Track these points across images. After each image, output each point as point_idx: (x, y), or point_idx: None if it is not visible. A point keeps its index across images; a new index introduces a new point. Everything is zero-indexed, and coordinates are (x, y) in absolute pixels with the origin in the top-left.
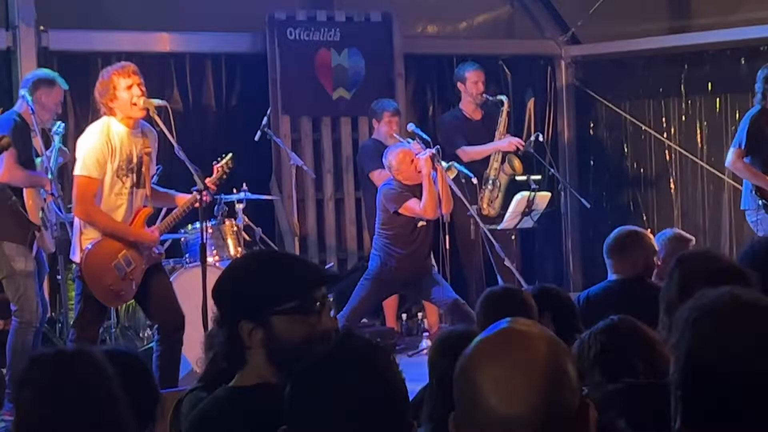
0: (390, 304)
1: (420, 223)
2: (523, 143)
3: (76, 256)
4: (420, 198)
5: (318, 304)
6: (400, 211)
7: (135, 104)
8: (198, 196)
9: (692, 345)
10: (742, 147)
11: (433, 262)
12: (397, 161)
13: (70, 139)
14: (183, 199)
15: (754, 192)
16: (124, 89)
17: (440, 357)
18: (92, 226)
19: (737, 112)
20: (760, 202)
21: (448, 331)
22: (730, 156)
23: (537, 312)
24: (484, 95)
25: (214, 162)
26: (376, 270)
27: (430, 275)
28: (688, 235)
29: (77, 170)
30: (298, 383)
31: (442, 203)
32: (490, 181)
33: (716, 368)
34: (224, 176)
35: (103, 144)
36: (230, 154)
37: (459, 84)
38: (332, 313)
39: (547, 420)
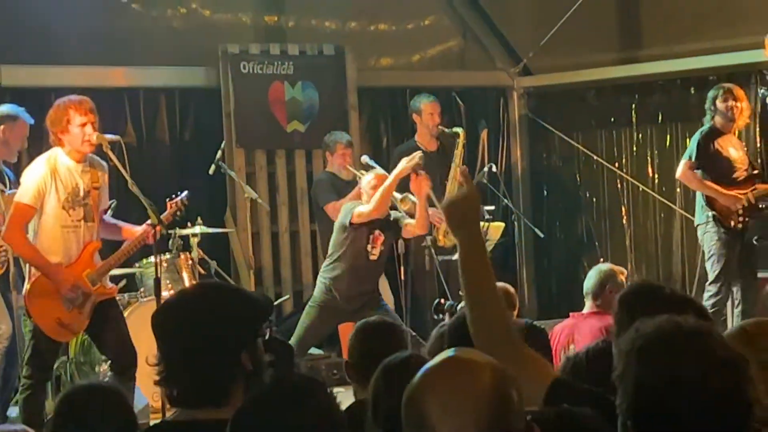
0: (347, 336)
1: (371, 255)
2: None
3: (23, 290)
4: (370, 234)
5: None
6: (353, 217)
7: (87, 141)
8: (148, 231)
9: (640, 373)
10: (693, 159)
11: (386, 295)
12: (366, 183)
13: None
14: (130, 231)
15: (704, 204)
16: (78, 126)
17: (380, 384)
18: (15, 252)
19: (687, 141)
20: (709, 213)
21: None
22: (681, 167)
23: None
24: (440, 127)
25: (168, 199)
26: (320, 297)
27: (379, 307)
28: (621, 268)
29: (17, 196)
30: (238, 422)
31: (420, 225)
32: None
33: (665, 395)
34: (178, 213)
35: (47, 174)
36: (186, 192)
37: (414, 116)
38: None
39: None
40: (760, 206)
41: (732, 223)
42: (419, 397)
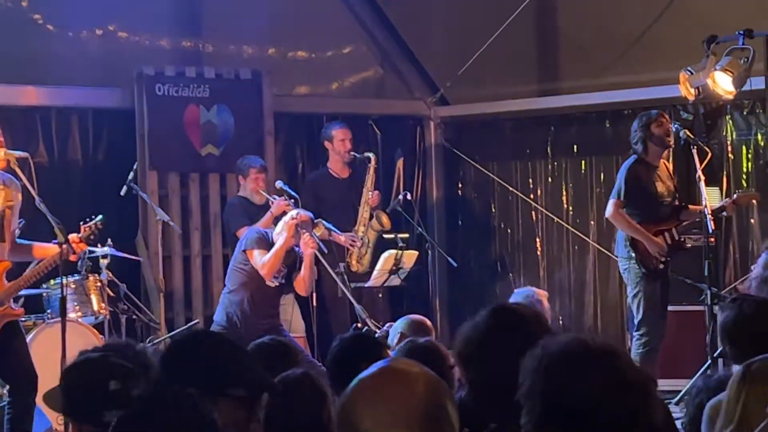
0: None
1: (270, 283)
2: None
3: None
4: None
5: None
6: (247, 251)
7: None
8: (63, 251)
9: (546, 391)
10: (621, 198)
11: (296, 322)
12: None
13: None
14: (41, 249)
15: (627, 243)
16: None
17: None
18: None
19: (602, 174)
20: (632, 254)
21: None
22: (610, 207)
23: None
24: (352, 153)
25: (82, 222)
26: (221, 323)
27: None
28: (543, 291)
29: None
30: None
31: (303, 284)
32: (359, 238)
33: (571, 414)
34: (92, 236)
35: None
36: (100, 216)
37: (326, 143)
38: None
39: None
40: (683, 241)
41: (652, 266)
42: (352, 407)
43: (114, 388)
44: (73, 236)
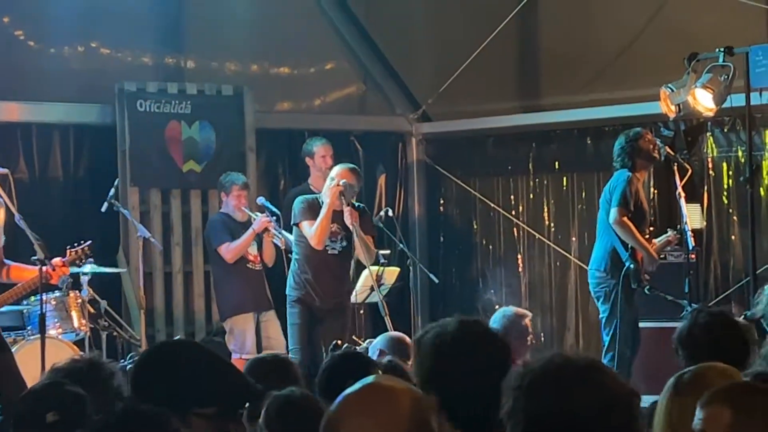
0: None
1: (330, 250)
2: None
3: None
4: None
5: None
6: (297, 224)
7: None
8: (42, 275)
9: (530, 408)
10: (629, 206)
11: (278, 339)
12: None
13: None
14: (18, 270)
15: (626, 254)
16: None
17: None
18: None
19: (583, 191)
20: (631, 265)
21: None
22: (615, 214)
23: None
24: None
25: (69, 246)
26: (294, 293)
27: (346, 316)
28: (525, 311)
29: None
30: None
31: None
32: None
33: (555, 429)
34: (77, 261)
35: None
36: (89, 242)
37: (307, 159)
38: None
39: None
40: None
41: (641, 282)
42: (337, 423)
43: (52, 420)
44: (57, 260)
